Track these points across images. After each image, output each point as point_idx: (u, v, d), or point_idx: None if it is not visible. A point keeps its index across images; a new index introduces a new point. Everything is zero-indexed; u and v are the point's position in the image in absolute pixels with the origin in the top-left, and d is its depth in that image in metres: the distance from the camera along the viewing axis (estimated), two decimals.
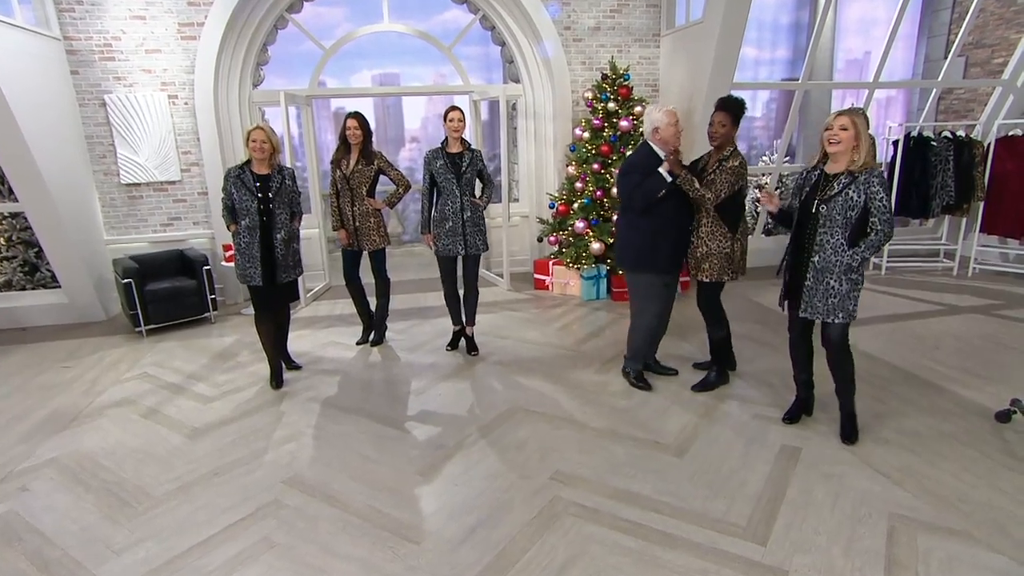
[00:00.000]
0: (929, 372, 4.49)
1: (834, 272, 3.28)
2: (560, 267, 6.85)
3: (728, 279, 3.99)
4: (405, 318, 6.09)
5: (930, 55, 9.16)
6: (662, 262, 4.05)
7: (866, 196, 3.14)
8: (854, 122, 3.16)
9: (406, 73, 8.25)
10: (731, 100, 3.89)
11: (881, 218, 3.13)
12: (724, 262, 3.96)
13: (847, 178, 3.18)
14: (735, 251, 3.95)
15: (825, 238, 3.28)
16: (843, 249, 3.24)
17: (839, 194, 3.19)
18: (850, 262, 3.22)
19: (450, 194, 4.53)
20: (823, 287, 3.32)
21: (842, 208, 3.18)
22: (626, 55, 7.36)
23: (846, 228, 3.21)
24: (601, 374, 4.60)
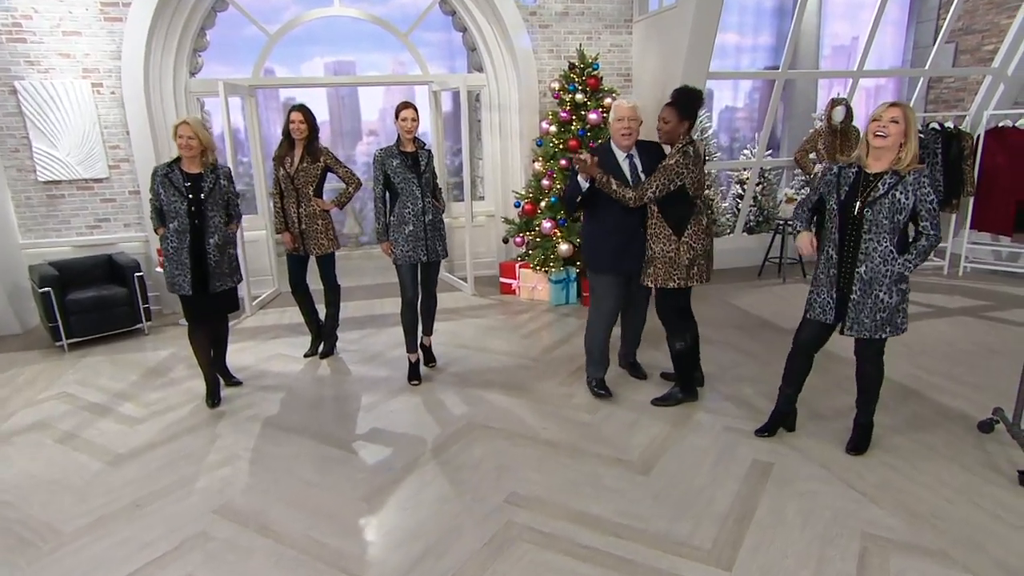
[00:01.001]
0: (913, 380, 4.57)
1: (884, 283, 3.20)
2: (527, 270, 6.86)
3: (675, 286, 3.94)
4: (359, 327, 6.05)
5: (919, 41, 9.33)
6: (602, 261, 4.12)
7: (915, 198, 3.07)
8: (906, 115, 3.07)
9: (362, 61, 8.20)
10: (679, 92, 3.87)
11: (932, 221, 3.07)
12: (668, 267, 3.93)
13: (892, 178, 3.11)
14: (680, 256, 3.90)
15: (872, 245, 3.19)
16: (893, 257, 3.17)
17: (885, 196, 3.11)
18: (902, 271, 3.17)
19: (410, 195, 4.45)
20: (871, 300, 3.24)
21: (889, 211, 3.10)
22: (596, 42, 7.39)
23: (894, 234, 3.14)
24: (566, 385, 4.62)
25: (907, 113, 3.09)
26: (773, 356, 5.05)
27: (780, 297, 6.78)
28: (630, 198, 3.86)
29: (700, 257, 3.92)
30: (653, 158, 4.04)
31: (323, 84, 7.60)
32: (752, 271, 7.89)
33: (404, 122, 4.44)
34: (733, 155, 9.72)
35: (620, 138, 4.01)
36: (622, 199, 3.88)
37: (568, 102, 6.67)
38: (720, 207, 8.38)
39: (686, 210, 3.89)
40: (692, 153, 3.84)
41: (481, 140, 7.88)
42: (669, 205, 3.89)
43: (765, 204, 8.40)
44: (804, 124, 9.25)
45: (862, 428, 3.63)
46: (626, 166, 4.07)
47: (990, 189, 7.14)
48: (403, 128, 4.45)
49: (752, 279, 7.57)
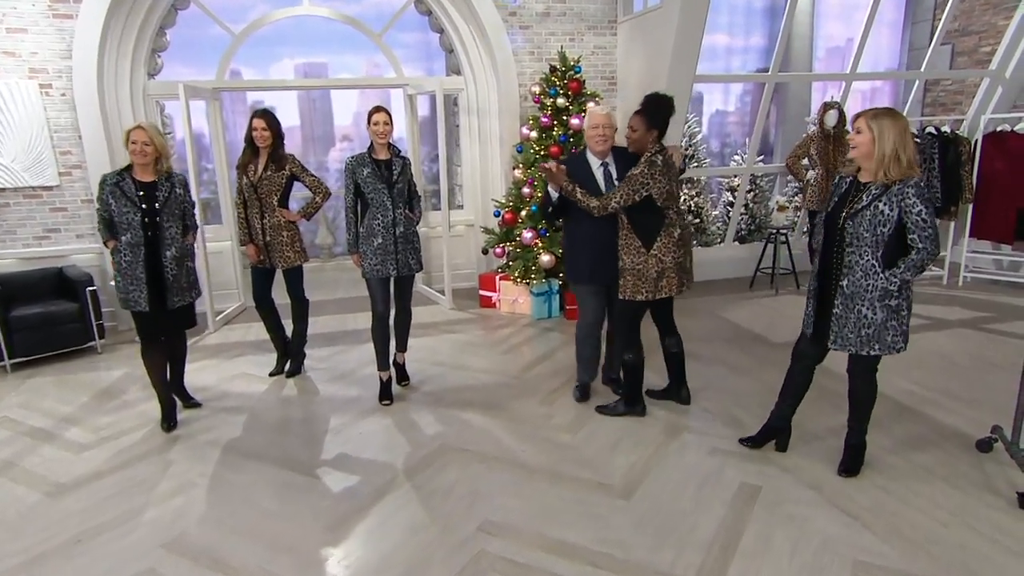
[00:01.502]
0: (909, 396, 4.58)
1: (866, 298, 3.20)
2: (507, 282, 6.84)
3: (644, 298, 3.98)
4: (329, 343, 6.00)
5: (914, 43, 9.46)
6: (579, 272, 4.26)
7: (900, 210, 3.04)
8: (870, 124, 3.07)
9: (334, 63, 8.16)
10: (648, 99, 3.91)
11: (921, 234, 3.02)
12: (638, 280, 3.96)
13: (878, 189, 3.09)
14: (648, 268, 3.93)
15: (854, 258, 3.20)
16: (875, 271, 3.16)
17: (867, 207, 3.10)
18: (886, 286, 3.14)
19: (380, 206, 4.43)
20: (854, 316, 3.24)
21: (870, 224, 3.09)
22: (579, 44, 7.41)
23: (877, 247, 3.13)
24: (546, 404, 4.59)
25: (872, 123, 3.08)
26: (765, 372, 5.04)
27: (772, 309, 6.78)
28: (594, 207, 3.90)
29: (670, 270, 3.95)
30: (630, 164, 4.03)
31: (293, 87, 7.57)
32: (743, 282, 7.90)
33: (376, 126, 4.42)
34: (724, 161, 9.77)
35: (594, 145, 4.06)
36: (587, 209, 3.93)
37: (549, 106, 6.67)
38: (710, 215, 8.39)
39: (655, 222, 3.92)
40: (660, 163, 3.87)
41: (460, 146, 7.87)
42: (637, 216, 3.92)
43: (757, 212, 8.42)
44: (798, 128, 9.32)
45: (854, 449, 3.62)
46: (600, 174, 4.10)
47: (989, 196, 7.20)
48: (375, 133, 4.44)
49: (743, 290, 7.58)
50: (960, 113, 8.23)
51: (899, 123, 3.07)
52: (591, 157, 4.14)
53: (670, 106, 3.91)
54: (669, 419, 4.32)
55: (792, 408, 3.77)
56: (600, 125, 4.01)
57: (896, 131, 3.04)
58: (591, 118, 4.05)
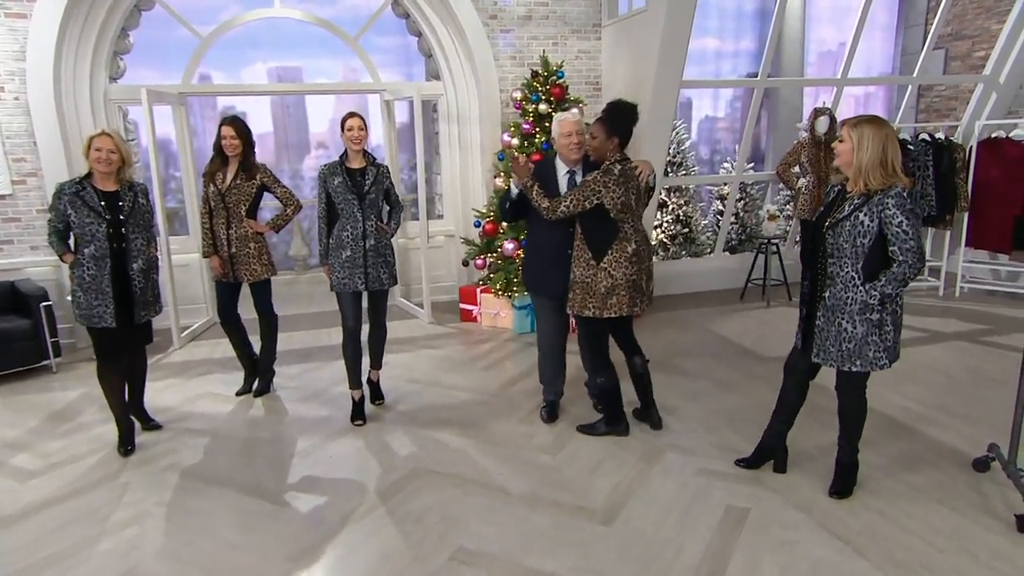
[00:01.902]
0: (903, 412, 4.56)
1: (846, 311, 3.19)
2: (489, 295, 6.80)
3: (591, 314, 3.94)
4: (301, 360, 5.93)
5: (907, 47, 9.50)
6: (530, 280, 4.32)
7: (880, 220, 3.04)
8: (850, 134, 3.07)
9: (309, 67, 8.13)
10: (610, 107, 3.91)
11: (902, 246, 3.01)
12: (586, 294, 3.94)
13: (860, 198, 3.10)
14: (597, 283, 3.90)
15: (835, 270, 3.20)
16: (855, 284, 3.15)
17: (847, 217, 3.11)
18: (866, 299, 3.13)
19: (350, 218, 4.40)
20: (835, 329, 3.24)
21: (850, 234, 3.10)
22: (563, 48, 7.41)
23: (857, 259, 3.12)
24: (526, 424, 4.54)
25: (852, 131, 3.07)
26: (754, 388, 5.01)
27: (763, 322, 6.76)
28: (544, 208, 3.92)
29: (621, 287, 3.90)
30: None
31: (265, 92, 7.51)
32: (734, 294, 7.89)
33: (350, 132, 4.40)
34: (714, 168, 9.77)
35: (569, 154, 4.06)
36: (538, 208, 3.96)
37: (531, 113, 6.65)
38: (699, 224, 8.39)
39: (607, 234, 3.89)
40: (617, 172, 3.84)
41: (439, 154, 7.85)
42: (589, 227, 3.91)
43: (748, 221, 8.43)
44: (790, 135, 9.34)
45: (845, 469, 3.58)
46: (564, 182, 4.12)
47: (985, 204, 7.23)
48: (349, 140, 4.42)
49: (734, 302, 7.57)
50: (954, 119, 8.29)
51: (881, 131, 3.05)
52: (559, 164, 4.14)
53: (633, 114, 3.90)
54: (653, 438, 4.28)
55: (786, 426, 3.74)
56: (573, 133, 4.00)
57: (877, 139, 3.03)
58: (564, 125, 4.03)
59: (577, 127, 4.02)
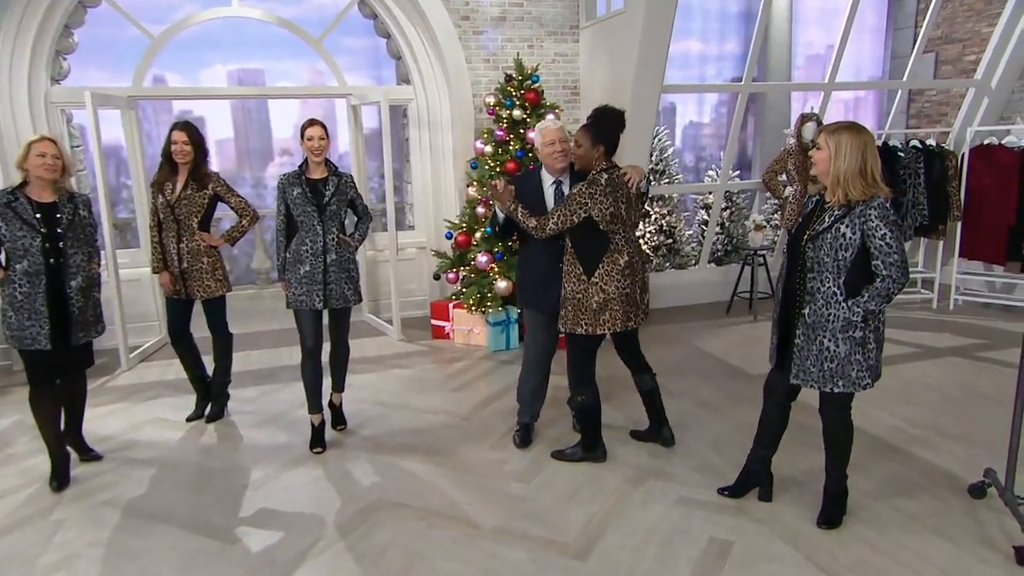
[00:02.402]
0: (895, 433, 4.52)
1: (828, 329, 3.14)
2: (461, 311, 6.73)
3: (584, 332, 3.90)
4: (260, 381, 5.82)
5: (896, 51, 9.59)
6: (524, 294, 4.30)
7: (862, 233, 3.01)
8: (827, 141, 3.04)
9: (272, 69, 8.05)
10: (595, 113, 3.90)
11: (885, 260, 2.98)
12: (578, 311, 3.90)
13: (841, 210, 3.06)
14: (588, 298, 3.86)
15: (815, 285, 3.16)
16: (837, 300, 3.11)
17: (828, 229, 3.07)
18: (849, 316, 3.09)
19: (310, 230, 4.33)
20: (816, 347, 3.19)
21: (831, 247, 3.06)
22: (539, 51, 7.37)
23: (839, 273, 3.09)
24: (498, 449, 4.46)
25: (829, 138, 3.04)
26: (741, 409, 4.96)
27: (751, 338, 6.74)
28: (532, 228, 3.90)
29: (614, 301, 3.87)
30: None
31: (223, 96, 7.41)
32: (720, 307, 7.87)
33: (311, 142, 4.33)
34: (699, 176, 9.79)
35: (554, 163, 4.04)
36: (527, 229, 3.95)
37: (505, 119, 6.59)
38: (684, 235, 8.38)
39: (598, 247, 3.87)
40: (603, 182, 3.80)
41: (409, 161, 7.78)
42: (579, 240, 3.88)
43: (733, 231, 8.43)
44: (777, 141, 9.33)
45: (833, 497, 3.52)
46: (551, 193, 4.10)
47: (978, 213, 7.25)
48: (309, 149, 4.35)
49: (719, 317, 7.54)
50: (946, 125, 8.32)
51: (860, 138, 3.02)
52: (545, 175, 4.13)
53: (620, 120, 3.88)
54: (633, 463, 4.20)
55: (769, 450, 3.69)
56: (556, 140, 3.98)
57: (855, 147, 2.99)
58: (546, 134, 4.01)
59: (560, 134, 4.00)
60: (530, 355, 4.39)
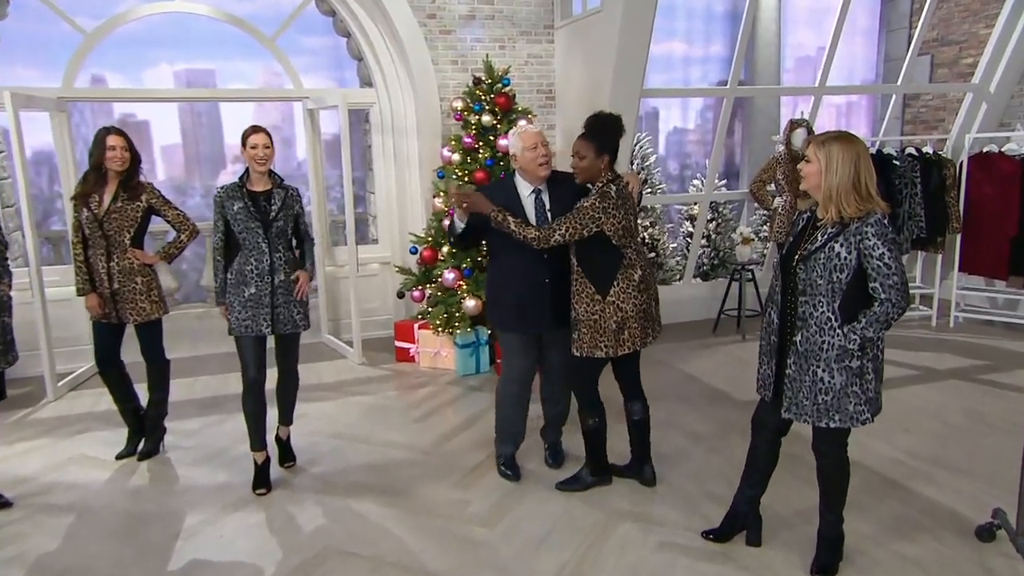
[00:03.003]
0: (894, 467, 4.39)
1: (822, 358, 3.02)
2: (427, 332, 6.56)
3: (604, 354, 3.85)
4: (203, 411, 5.60)
5: (890, 53, 9.57)
6: (503, 316, 4.15)
7: (858, 252, 2.91)
8: (816, 154, 2.95)
9: (224, 70, 7.90)
10: (595, 120, 3.84)
11: (884, 283, 2.86)
12: (595, 333, 3.82)
13: (835, 228, 2.95)
14: (606, 319, 3.79)
15: (807, 310, 3.05)
16: (832, 326, 2.99)
17: (821, 249, 2.97)
18: (845, 344, 2.96)
19: (254, 248, 4.16)
20: (809, 378, 3.07)
21: (824, 268, 2.95)
22: (511, 52, 7.25)
23: (833, 297, 2.98)
24: (461, 488, 4.28)
25: (819, 150, 2.94)
26: (729, 440, 4.82)
27: (739, 359, 6.62)
28: (533, 239, 3.75)
29: (632, 319, 3.82)
30: (567, 192, 3.95)
31: (169, 98, 7.19)
32: (706, 326, 7.75)
33: (254, 151, 4.15)
34: (684, 186, 9.72)
35: (536, 169, 3.95)
36: (525, 240, 3.77)
37: (474, 125, 6.45)
38: (668, 248, 8.31)
39: (611, 263, 3.81)
40: (614, 194, 3.72)
41: (372, 170, 7.64)
42: (588, 258, 3.82)
43: (720, 244, 8.36)
44: (766, 148, 9.27)
45: (828, 543, 3.35)
46: (530, 203, 4.01)
47: (979, 225, 7.20)
48: (252, 159, 4.16)
49: (705, 335, 7.44)
50: (943, 131, 8.29)
51: (852, 149, 2.90)
52: (521, 183, 4.03)
53: (619, 126, 3.82)
54: (610, 504, 4.03)
55: (758, 489, 3.54)
56: (539, 144, 3.92)
57: (847, 159, 2.89)
58: (528, 137, 3.93)
59: (542, 138, 3.96)
60: (508, 383, 4.27)
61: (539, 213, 3.98)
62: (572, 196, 3.87)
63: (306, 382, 5.80)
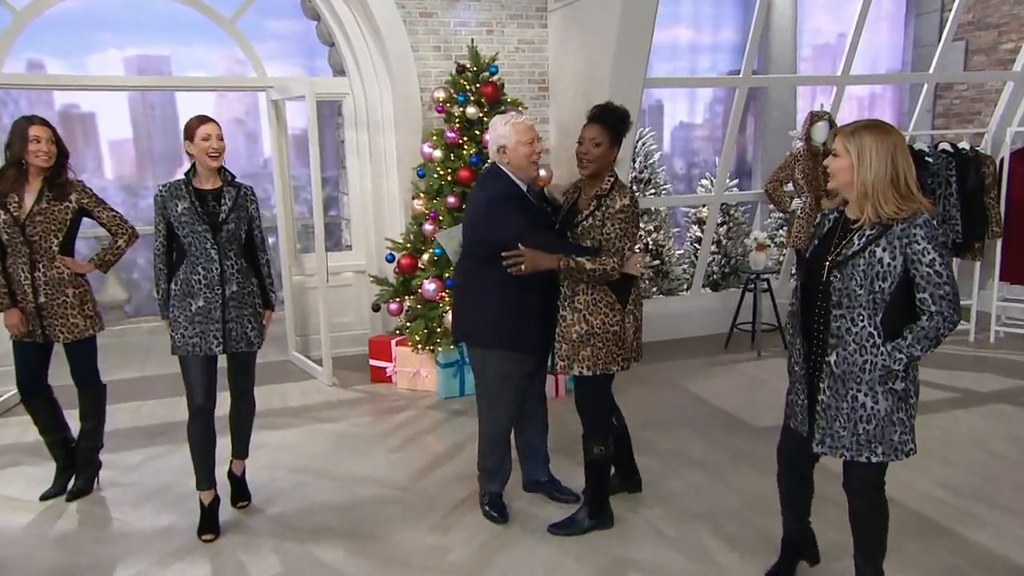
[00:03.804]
0: (935, 506, 4.19)
1: (864, 380, 2.86)
2: (406, 349, 6.41)
3: (618, 369, 3.84)
4: (147, 442, 5.36)
5: (920, 39, 9.64)
6: (508, 337, 3.96)
7: (905, 258, 2.76)
8: (846, 146, 2.84)
9: (181, 57, 7.74)
10: (605, 109, 3.81)
11: (936, 293, 2.72)
12: (612, 346, 3.77)
13: (875, 230, 2.81)
14: (626, 329, 3.81)
15: (844, 325, 2.88)
16: (875, 343, 2.83)
17: (860, 254, 2.82)
18: (889, 364, 2.80)
19: (201, 255, 3.96)
20: (848, 405, 2.90)
21: (865, 276, 2.81)
22: (499, 38, 7.09)
23: (875, 309, 2.83)
24: (440, 532, 4.09)
25: (849, 142, 2.84)
26: (742, 473, 4.64)
27: (754, 379, 6.50)
28: (612, 269, 3.66)
29: (640, 328, 3.96)
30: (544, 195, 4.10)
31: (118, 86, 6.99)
32: (716, 341, 7.62)
33: (206, 141, 3.94)
34: (691, 186, 9.72)
35: (529, 167, 3.91)
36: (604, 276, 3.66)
37: (457, 118, 6.30)
38: (674, 255, 8.28)
39: None
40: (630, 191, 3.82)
41: (346, 168, 7.52)
42: None
43: (732, 251, 8.32)
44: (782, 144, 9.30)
45: None
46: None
47: (1022, 229, 7.14)
48: (203, 152, 3.95)
49: (716, 353, 7.31)
50: (980, 125, 8.22)
51: (887, 139, 2.78)
52: (518, 182, 3.94)
53: (627, 120, 3.83)
54: (611, 550, 3.84)
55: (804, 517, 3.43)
56: (535, 139, 3.88)
57: (883, 151, 2.76)
58: (524, 130, 3.85)
59: (536, 132, 3.93)
60: (504, 416, 4.14)
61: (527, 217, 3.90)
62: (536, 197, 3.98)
63: (268, 406, 5.60)
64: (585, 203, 3.79)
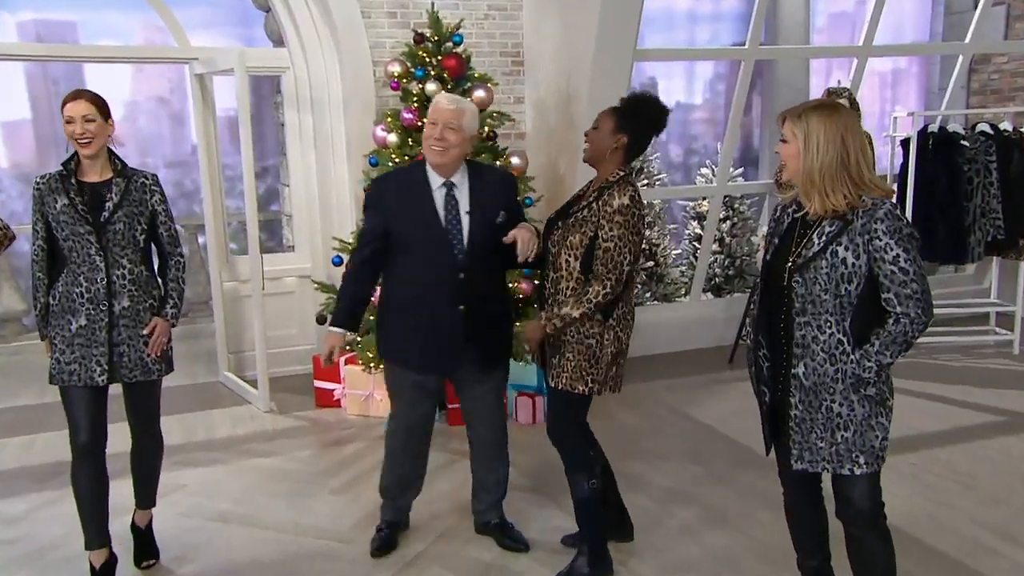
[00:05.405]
0: (981, 554, 4.10)
1: (837, 390, 2.94)
2: (355, 367, 6.29)
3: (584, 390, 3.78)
4: (37, 485, 5.12)
5: (952, 5, 9.63)
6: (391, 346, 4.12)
7: (868, 256, 2.83)
8: (793, 131, 2.91)
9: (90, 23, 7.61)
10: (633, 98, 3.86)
11: (902, 292, 2.81)
12: (583, 361, 3.74)
13: (834, 226, 2.88)
14: (603, 347, 3.74)
15: (810, 333, 2.95)
16: (844, 350, 2.90)
17: (821, 255, 2.88)
18: (859, 372, 2.89)
19: (83, 262, 3.76)
20: (822, 416, 2.98)
21: (829, 280, 2.88)
22: (465, 3, 7.02)
23: (842, 314, 2.90)
24: None
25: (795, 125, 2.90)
26: (753, 514, 4.53)
27: None
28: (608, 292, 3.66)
29: (623, 354, 3.88)
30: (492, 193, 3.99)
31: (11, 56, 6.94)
32: (719, 355, 7.58)
33: (70, 124, 3.70)
34: (689, 176, 9.79)
35: (430, 154, 3.92)
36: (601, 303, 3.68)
37: (415, 96, 6.16)
38: (670, 255, 8.32)
39: None
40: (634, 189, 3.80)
41: (286, 155, 7.40)
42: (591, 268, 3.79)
43: (736, 250, 8.37)
44: None
45: None
46: (441, 199, 3.95)
47: None
48: (70, 135, 3.75)
49: (719, 368, 7.27)
50: (1022, 103, 8.30)
51: (836, 121, 2.84)
52: (432, 173, 3.95)
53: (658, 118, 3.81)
54: None
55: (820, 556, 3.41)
56: (441, 123, 3.79)
57: (832, 134, 2.83)
58: (433, 110, 3.88)
59: (449, 116, 3.80)
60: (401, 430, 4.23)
61: (450, 214, 3.90)
62: (498, 200, 3.94)
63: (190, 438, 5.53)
64: (589, 193, 3.81)
